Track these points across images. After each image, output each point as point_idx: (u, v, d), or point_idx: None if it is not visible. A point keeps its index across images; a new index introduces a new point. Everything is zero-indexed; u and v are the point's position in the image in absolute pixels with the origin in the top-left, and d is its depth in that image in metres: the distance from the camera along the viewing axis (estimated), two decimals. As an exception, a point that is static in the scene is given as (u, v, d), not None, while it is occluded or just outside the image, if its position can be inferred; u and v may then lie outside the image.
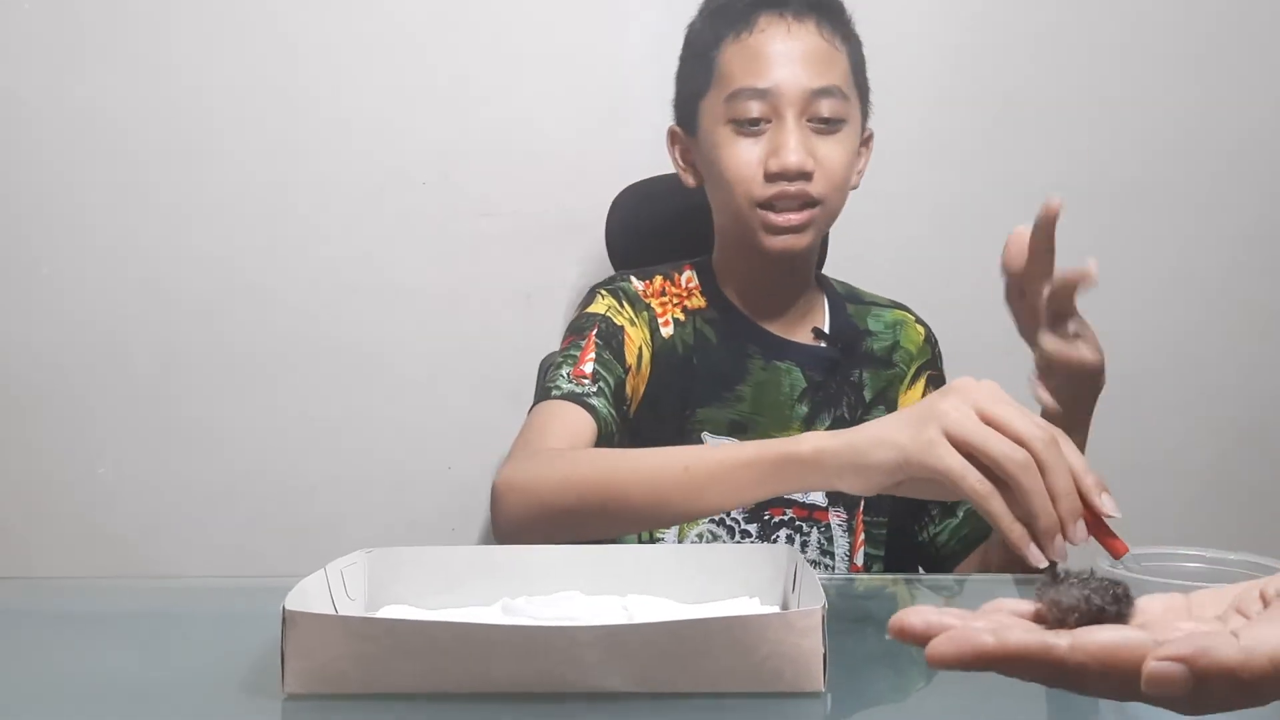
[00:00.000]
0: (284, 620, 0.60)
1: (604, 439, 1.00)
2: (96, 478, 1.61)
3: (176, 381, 1.60)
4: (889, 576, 0.97)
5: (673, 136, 1.14)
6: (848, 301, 1.18)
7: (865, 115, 1.11)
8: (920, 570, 1.14)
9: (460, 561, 0.77)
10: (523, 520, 0.90)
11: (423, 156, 1.59)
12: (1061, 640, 0.38)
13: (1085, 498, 0.70)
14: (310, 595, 0.66)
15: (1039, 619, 0.43)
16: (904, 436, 0.75)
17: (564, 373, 1.04)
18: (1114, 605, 0.42)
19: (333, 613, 0.68)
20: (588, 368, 1.04)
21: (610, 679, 0.59)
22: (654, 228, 1.32)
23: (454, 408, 1.60)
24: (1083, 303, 0.86)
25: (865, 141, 1.12)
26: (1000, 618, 0.43)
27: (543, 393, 1.04)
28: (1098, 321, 0.82)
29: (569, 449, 0.96)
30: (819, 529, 1.08)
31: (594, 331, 1.07)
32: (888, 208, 1.61)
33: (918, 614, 0.41)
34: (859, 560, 1.10)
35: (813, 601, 0.61)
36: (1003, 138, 1.64)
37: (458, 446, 1.60)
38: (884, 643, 0.77)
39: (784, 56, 1.03)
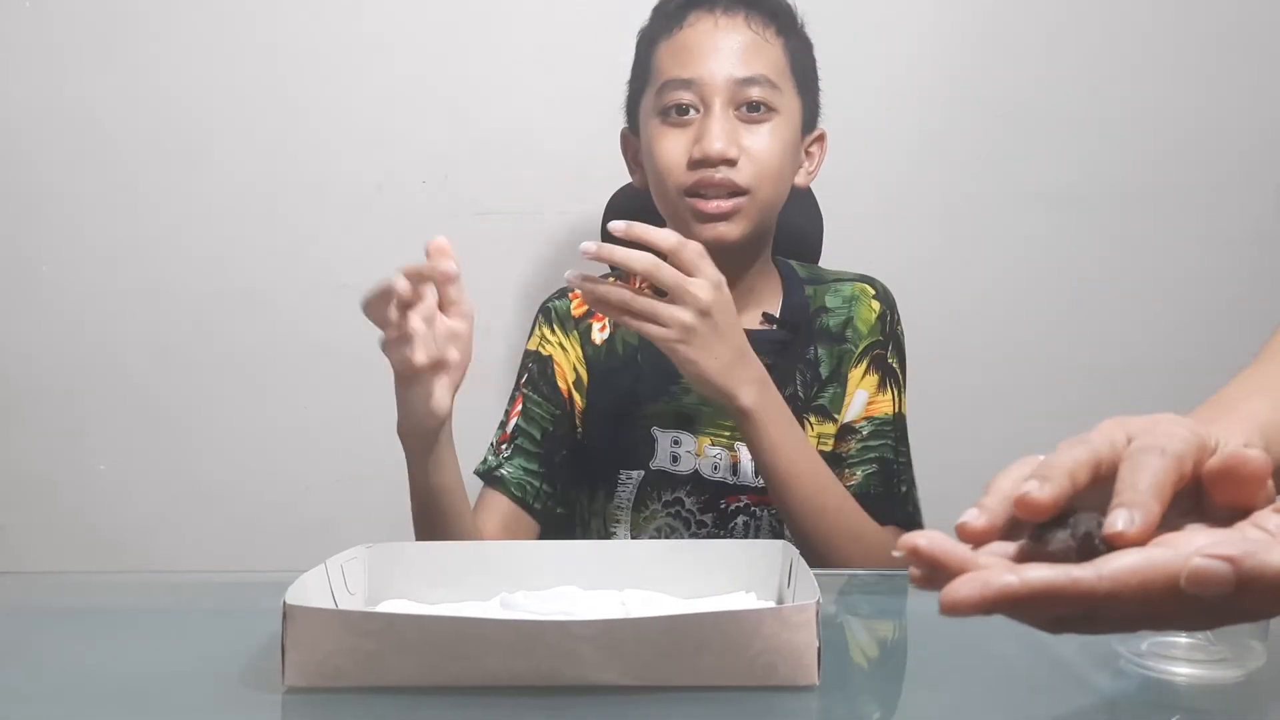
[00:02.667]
0: (284, 615, 0.60)
1: (527, 496, 1.09)
2: (93, 477, 1.61)
3: (174, 381, 1.61)
4: (883, 572, 0.97)
5: (625, 139, 1.17)
6: (808, 283, 1.16)
7: (811, 113, 1.11)
8: None
9: (459, 557, 0.78)
10: None
11: (422, 157, 1.59)
12: (1085, 571, 0.37)
13: None
14: (310, 590, 0.67)
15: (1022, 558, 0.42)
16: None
17: (493, 440, 1.13)
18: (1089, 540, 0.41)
19: (332, 607, 0.69)
20: (511, 425, 1.12)
21: (606, 673, 0.60)
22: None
23: (453, 406, 1.61)
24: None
25: (817, 140, 1.13)
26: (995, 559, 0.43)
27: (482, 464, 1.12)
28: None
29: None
30: (769, 510, 1.08)
31: (524, 379, 1.13)
32: (894, 211, 1.62)
33: (925, 535, 0.41)
34: None
35: (807, 596, 0.62)
36: (1010, 142, 1.64)
37: (457, 444, 1.60)
38: (877, 637, 0.77)
39: (710, 48, 1.04)
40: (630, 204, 1.36)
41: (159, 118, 1.57)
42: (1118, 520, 0.40)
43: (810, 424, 1.09)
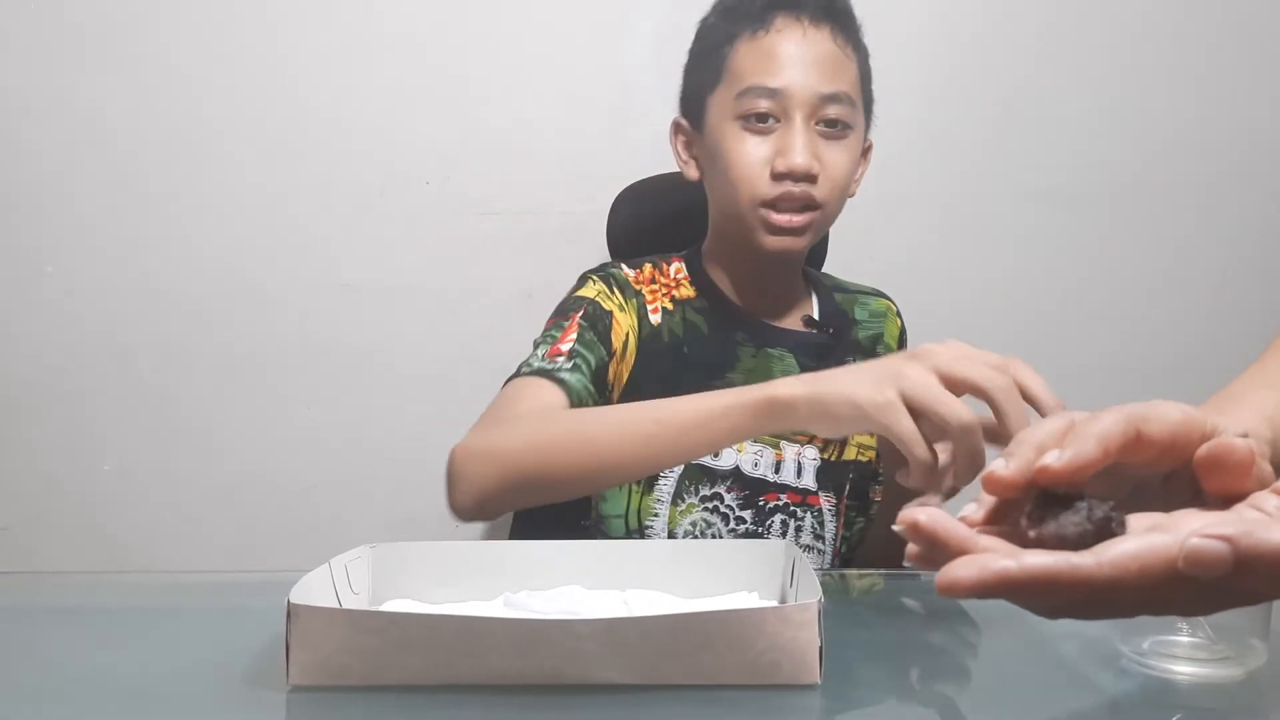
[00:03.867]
0: (288, 613, 0.61)
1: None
2: (98, 477, 1.62)
3: (179, 381, 1.61)
4: (887, 572, 0.97)
5: (676, 129, 1.14)
6: (835, 291, 1.20)
7: (868, 126, 1.12)
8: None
9: (462, 557, 0.78)
10: (485, 488, 0.88)
11: (424, 157, 1.60)
12: (1085, 558, 0.36)
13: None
14: (314, 590, 0.67)
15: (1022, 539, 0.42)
16: (863, 395, 0.76)
17: (540, 352, 1.02)
18: (1094, 528, 0.40)
19: (336, 606, 0.69)
20: (565, 346, 1.03)
21: (609, 671, 0.60)
22: (655, 226, 1.33)
23: (456, 406, 1.59)
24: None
25: (865, 152, 1.13)
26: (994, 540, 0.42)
27: (515, 371, 1.02)
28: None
29: (531, 413, 0.95)
30: (812, 513, 1.09)
31: (579, 314, 1.06)
32: (890, 209, 1.63)
33: (925, 511, 0.40)
34: (838, 543, 1.12)
35: (809, 595, 0.62)
36: (1004, 139, 1.65)
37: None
38: (880, 636, 0.77)
39: (797, 58, 1.03)
40: (635, 205, 1.36)
41: (164, 119, 1.58)
42: (1047, 456, 0.41)
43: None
